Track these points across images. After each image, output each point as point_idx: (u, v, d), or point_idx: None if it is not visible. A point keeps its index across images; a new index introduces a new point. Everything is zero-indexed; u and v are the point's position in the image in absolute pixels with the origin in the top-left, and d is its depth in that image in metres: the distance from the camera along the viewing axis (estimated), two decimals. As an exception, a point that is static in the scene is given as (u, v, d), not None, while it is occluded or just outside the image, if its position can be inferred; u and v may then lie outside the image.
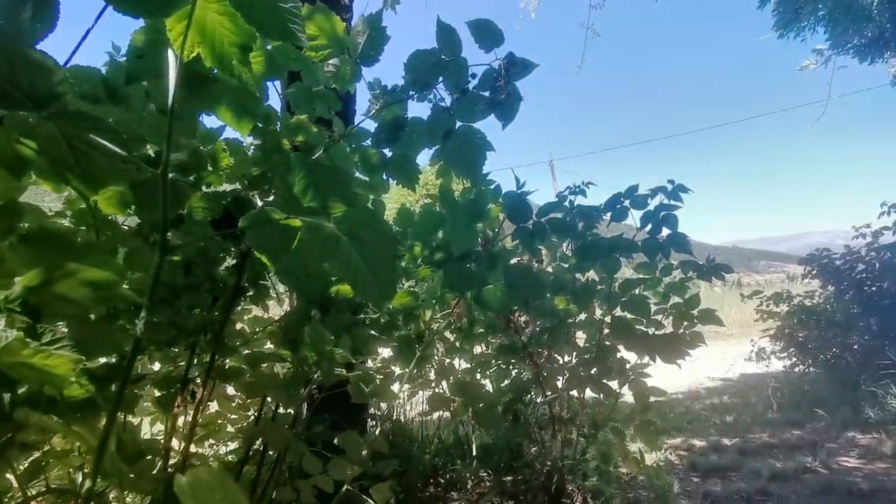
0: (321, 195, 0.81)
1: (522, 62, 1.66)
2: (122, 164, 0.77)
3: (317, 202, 0.81)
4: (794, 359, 6.33)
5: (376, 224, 0.83)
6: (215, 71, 0.97)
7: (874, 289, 5.87)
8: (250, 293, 1.61)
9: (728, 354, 8.76)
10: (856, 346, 5.80)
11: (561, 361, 2.73)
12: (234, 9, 0.83)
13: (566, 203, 2.57)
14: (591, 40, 9.50)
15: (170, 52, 0.87)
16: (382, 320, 1.98)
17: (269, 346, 1.82)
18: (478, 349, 2.89)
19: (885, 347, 5.31)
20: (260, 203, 1.41)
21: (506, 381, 2.78)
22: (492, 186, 2.20)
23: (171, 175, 0.95)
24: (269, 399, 1.70)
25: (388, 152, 1.75)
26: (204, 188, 1.38)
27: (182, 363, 1.54)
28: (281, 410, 1.72)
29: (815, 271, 6.25)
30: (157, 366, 1.67)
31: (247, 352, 1.64)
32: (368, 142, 1.74)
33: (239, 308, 1.84)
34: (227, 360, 1.59)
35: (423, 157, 2.37)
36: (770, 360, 6.79)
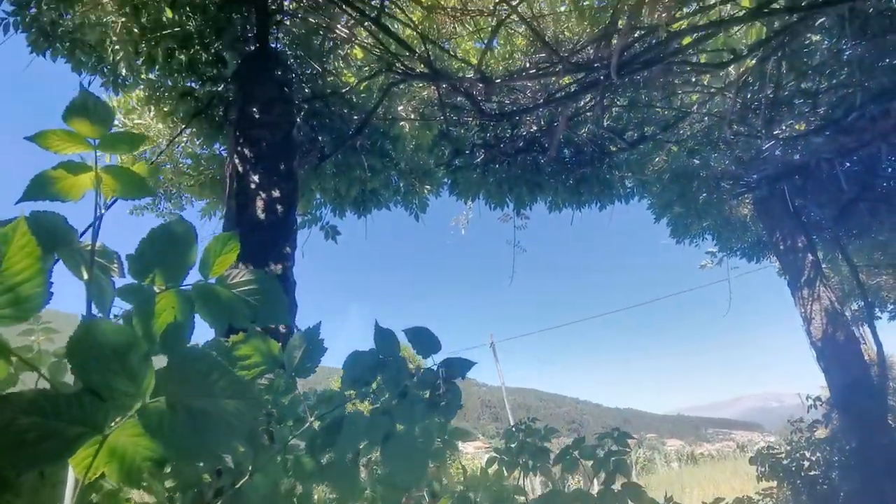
0: None
1: (460, 363, 1.70)
2: None
3: None
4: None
5: None
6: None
7: (825, 487, 5.82)
8: None
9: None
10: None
11: None
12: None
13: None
14: (522, 234, 10.57)
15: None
16: None
17: None
18: None
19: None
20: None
21: None
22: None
23: None
24: None
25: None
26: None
27: None
28: None
29: (766, 470, 6.19)
30: None
31: None
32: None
33: None
34: None
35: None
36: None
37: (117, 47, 4.10)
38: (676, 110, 6.54)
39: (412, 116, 5.50)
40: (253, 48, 4.88)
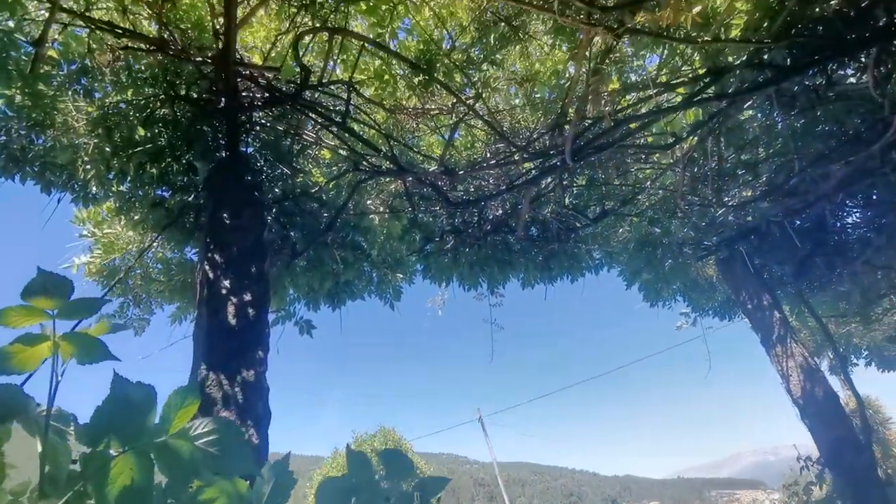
0: None
1: (434, 483, 1.69)
2: None
3: None
4: None
5: None
6: None
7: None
8: None
9: None
10: None
11: None
12: None
13: None
14: (500, 310, 10.60)
15: None
16: None
17: None
18: None
19: None
20: None
21: None
22: None
23: None
24: None
25: None
26: None
27: None
28: None
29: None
30: None
31: None
32: None
33: None
34: None
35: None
36: None
37: (88, 167, 4.21)
38: (632, 185, 6.93)
39: (381, 209, 5.69)
40: (224, 155, 5.07)
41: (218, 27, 4.32)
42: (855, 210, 8.78)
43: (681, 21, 4.40)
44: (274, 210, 5.48)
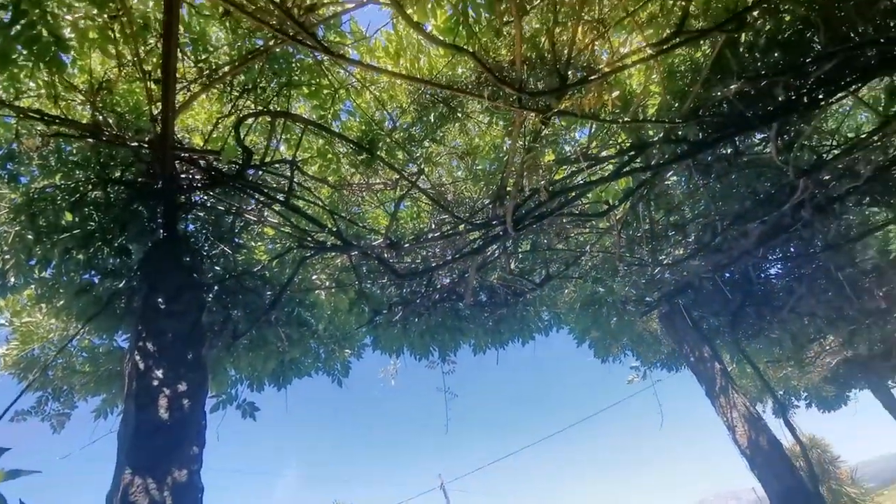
0: None
1: None
2: None
3: None
4: None
5: None
6: None
7: None
8: None
9: None
10: None
11: None
12: None
13: None
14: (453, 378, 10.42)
15: None
16: None
17: None
18: None
19: None
20: None
21: None
22: None
23: None
24: None
25: None
26: None
27: None
28: None
29: None
30: None
31: None
32: None
33: None
34: None
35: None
36: None
37: (7, 256, 3.95)
38: (574, 249, 7.23)
39: (328, 283, 5.62)
40: (160, 236, 4.91)
41: (155, 112, 4.31)
42: (776, 263, 9.49)
43: (605, 101, 4.82)
44: (215, 290, 5.29)
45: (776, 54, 5.13)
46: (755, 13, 4.57)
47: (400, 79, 4.55)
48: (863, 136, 5.93)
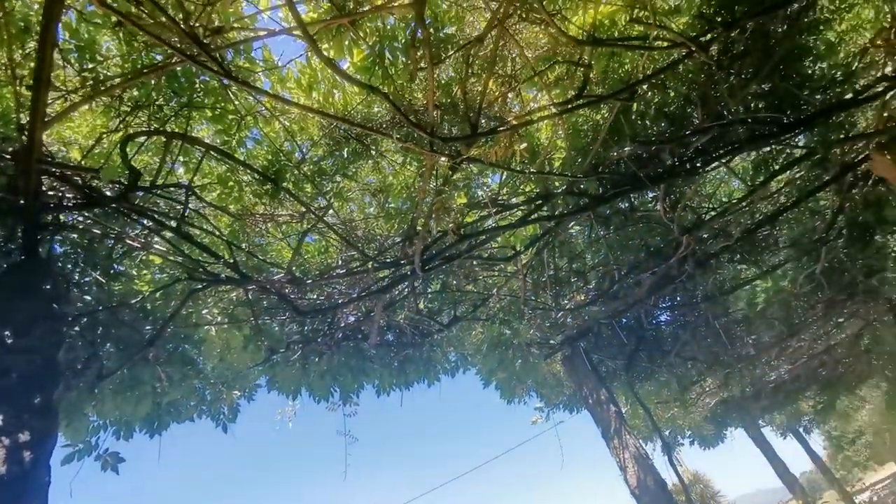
0: None
1: None
2: None
3: None
4: None
5: None
6: None
7: None
8: None
9: None
10: None
11: None
12: None
13: None
14: (355, 420, 9.98)
15: None
16: None
17: None
18: None
19: None
20: None
21: None
22: None
23: None
24: None
25: None
26: None
27: None
28: None
29: None
30: None
31: None
32: None
33: None
34: None
35: None
36: None
37: None
38: (482, 291, 7.34)
39: (220, 318, 5.19)
40: (17, 261, 4.28)
41: (24, 121, 3.83)
42: (665, 311, 10.32)
43: (514, 151, 5.02)
44: (82, 322, 4.68)
45: (663, 124, 5.69)
46: (645, 87, 5.05)
47: (311, 112, 4.44)
48: (734, 201, 6.69)
